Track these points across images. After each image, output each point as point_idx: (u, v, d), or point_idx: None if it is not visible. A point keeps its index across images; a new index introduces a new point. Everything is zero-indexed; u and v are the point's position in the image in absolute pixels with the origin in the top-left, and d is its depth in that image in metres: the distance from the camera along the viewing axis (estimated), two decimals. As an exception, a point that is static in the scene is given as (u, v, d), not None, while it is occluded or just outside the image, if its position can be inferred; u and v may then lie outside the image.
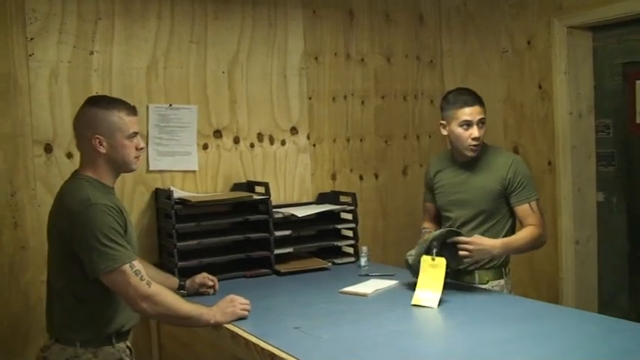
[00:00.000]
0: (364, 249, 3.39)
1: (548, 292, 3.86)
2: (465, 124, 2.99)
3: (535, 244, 2.98)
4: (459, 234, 2.82)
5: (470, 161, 3.07)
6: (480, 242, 2.80)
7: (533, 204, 3.01)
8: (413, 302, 2.65)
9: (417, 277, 2.75)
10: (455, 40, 4.27)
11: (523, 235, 2.94)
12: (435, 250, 2.72)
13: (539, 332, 2.32)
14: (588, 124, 3.96)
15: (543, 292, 3.77)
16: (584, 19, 3.82)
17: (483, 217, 3.05)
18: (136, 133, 2.44)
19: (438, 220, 3.30)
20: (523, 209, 3.00)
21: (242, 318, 2.53)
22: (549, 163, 3.92)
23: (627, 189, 3.84)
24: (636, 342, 2.18)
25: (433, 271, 2.69)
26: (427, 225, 3.30)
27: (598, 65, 3.95)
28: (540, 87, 4.05)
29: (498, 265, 3.04)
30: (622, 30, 3.78)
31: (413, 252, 2.84)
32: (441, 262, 2.70)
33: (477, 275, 3.00)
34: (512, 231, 3.05)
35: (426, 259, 2.73)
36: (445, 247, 2.79)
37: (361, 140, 3.97)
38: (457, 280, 2.93)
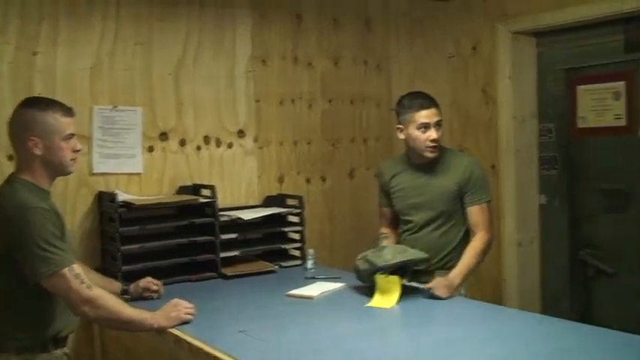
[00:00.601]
0: (311, 252, 3.39)
1: (493, 294, 3.92)
2: (423, 127, 3.03)
3: (484, 254, 3.06)
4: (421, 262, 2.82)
5: (428, 164, 3.11)
6: (440, 285, 2.79)
7: (484, 206, 3.07)
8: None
9: (364, 283, 2.77)
10: (402, 45, 4.30)
11: (471, 255, 3.00)
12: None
13: (484, 333, 2.36)
14: (531, 129, 4.03)
15: (488, 294, 3.82)
16: (529, 25, 3.89)
17: (443, 219, 3.11)
18: (72, 135, 2.39)
19: (396, 224, 3.33)
20: (474, 211, 3.06)
21: (186, 322, 2.50)
22: (493, 167, 3.97)
23: (569, 192, 3.92)
24: (578, 341, 2.23)
25: (387, 289, 2.69)
26: (385, 230, 3.33)
27: (541, 71, 4.03)
28: (485, 91, 4.11)
29: (457, 264, 3.07)
30: (565, 36, 3.86)
31: (365, 257, 2.82)
32: (395, 280, 2.70)
33: (436, 275, 3.02)
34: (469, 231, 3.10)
35: (380, 277, 2.72)
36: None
37: (308, 143, 3.98)
38: (417, 281, 2.94)
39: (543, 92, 4.03)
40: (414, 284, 2.83)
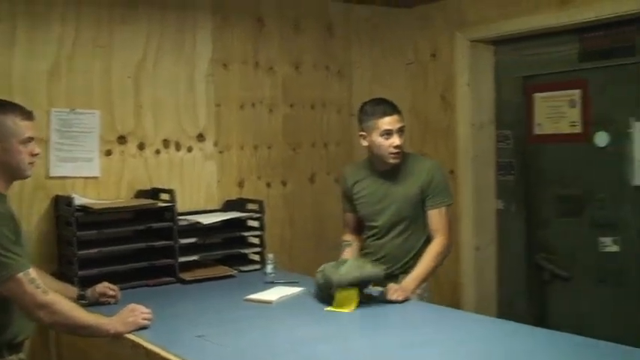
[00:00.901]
0: (270, 256, 3.40)
1: (450, 297, 3.97)
2: (386, 134, 3.05)
3: (441, 258, 3.09)
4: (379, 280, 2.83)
5: (391, 169, 3.13)
6: (394, 290, 2.81)
7: (443, 210, 3.10)
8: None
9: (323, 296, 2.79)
10: (363, 51, 4.34)
11: (427, 260, 3.03)
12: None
13: (440, 336, 2.39)
14: (489, 135, 4.10)
15: (446, 297, 3.87)
16: (487, 34, 3.96)
17: (406, 224, 3.14)
18: (31, 139, 2.37)
19: (359, 230, 3.35)
20: (433, 214, 3.10)
21: (144, 327, 2.48)
22: (452, 172, 4.03)
23: (525, 197, 3.99)
24: (533, 344, 2.27)
25: (345, 301, 2.70)
26: (348, 237, 3.34)
27: (499, 78, 4.10)
28: (444, 98, 4.17)
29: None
30: (522, 44, 3.93)
31: (324, 271, 2.82)
32: (352, 294, 2.71)
33: (400, 279, 3.05)
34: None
35: (338, 292, 2.72)
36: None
37: (269, 148, 3.98)
38: (381, 285, 2.95)
39: (501, 99, 4.10)
40: (370, 290, 2.84)
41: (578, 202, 3.71)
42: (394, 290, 2.80)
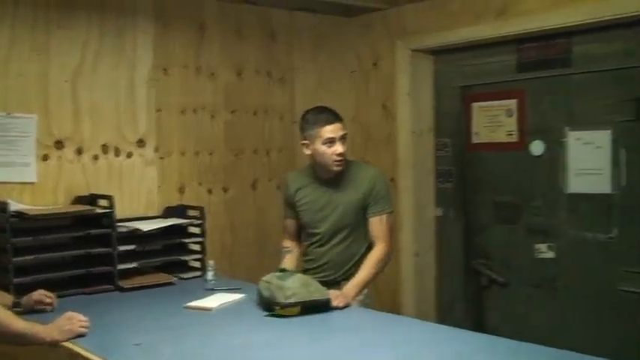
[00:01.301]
0: (211, 263, 3.38)
1: (391, 303, 4.01)
2: (329, 142, 3.06)
3: (382, 264, 3.12)
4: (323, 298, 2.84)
5: (333, 177, 3.14)
6: (335, 296, 2.82)
7: (384, 217, 3.13)
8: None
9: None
10: (306, 58, 4.36)
11: (368, 266, 3.06)
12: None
13: (380, 341, 2.42)
14: (428, 143, 4.17)
15: (386, 303, 3.91)
16: (427, 44, 4.03)
17: (348, 232, 3.15)
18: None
19: (299, 236, 3.36)
20: (374, 222, 3.12)
21: (81, 335, 2.44)
22: (392, 180, 4.08)
23: (463, 204, 4.07)
24: (471, 348, 2.31)
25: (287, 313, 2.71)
26: (288, 244, 3.34)
27: (438, 87, 4.18)
28: (385, 107, 4.22)
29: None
30: (460, 55, 4.01)
31: (269, 284, 2.81)
32: (294, 310, 2.71)
33: (342, 286, 3.06)
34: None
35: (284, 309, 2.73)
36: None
37: (210, 154, 3.96)
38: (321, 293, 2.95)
39: (440, 108, 4.18)
40: (313, 297, 2.84)
41: (515, 209, 3.80)
42: (335, 296, 2.82)
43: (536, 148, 3.68)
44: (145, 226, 3.37)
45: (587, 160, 3.46)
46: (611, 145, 3.36)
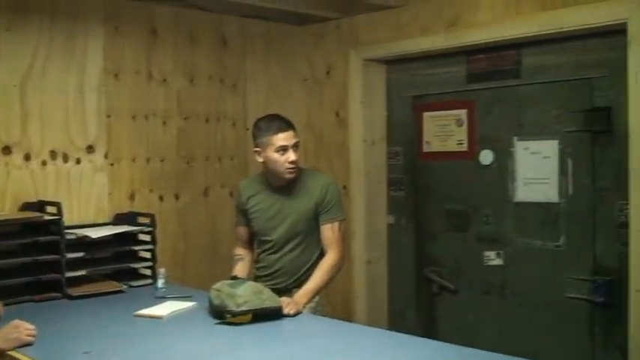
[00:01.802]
0: (162, 271, 3.35)
1: (343, 310, 4.03)
2: (282, 150, 3.06)
3: (334, 272, 3.13)
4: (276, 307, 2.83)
5: (286, 185, 3.15)
6: (286, 303, 2.82)
7: (336, 225, 3.15)
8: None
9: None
10: (258, 66, 4.36)
11: (319, 274, 3.08)
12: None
13: (331, 348, 2.43)
14: (381, 151, 4.21)
15: (338, 310, 3.93)
16: (379, 53, 4.08)
17: (301, 239, 3.16)
18: None
19: (251, 243, 3.36)
20: (326, 229, 3.14)
21: (27, 344, 2.39)
22: (345, 188, 4.11)
23: (415, 212, 4.11)
24: (422, 354, 2.34)
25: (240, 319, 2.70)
26: (240, 251, 3.34)
27: (391, 96, 4.23)
28: (338, 115, 4.25)
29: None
30: (412, 65, 4.07)
31: (220, 291, 2.79)
32: (245, 318, 2.70)
33: (294, 293, 3.07)
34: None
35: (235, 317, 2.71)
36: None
37: (162, 161, 3.93)
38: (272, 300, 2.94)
39: (392, 117, 4.22)
40: (265, 305, 2.84)
41: (465, 218, 3.86)
42: (287, 304, 2.82)
43: (486, 157, 3.75)
44: (95, 234, 3.32)
45: (535, 170, 3.54)
46: (559, 154, 3.45)
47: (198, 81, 4.09)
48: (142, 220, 3.61)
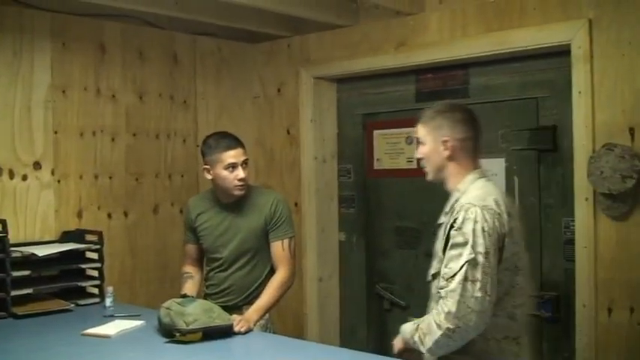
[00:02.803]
0: (110, 289, 3.30)
1: (294, 327, 4.03)
2: (231, 167, 3.07)
3: (284, 289, 3.14)
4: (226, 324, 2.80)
5: (235, 202, 3.15)
6: (241, 323, 2.81)
7: (286, 242, 3.16)
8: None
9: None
10: (209, 83, 4.36)
11: (270, 291, 3.08)
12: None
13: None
14: (331, 169, 4.24)
15: (289, 327, 3.93)
16: (330, 72, 4.13)
17: (250, 256, 3.16)
18: None
19: (201, 261, 3.34)
20: (276, 246, 3.15)
21: (-30, 365, 2.34)
22: (296, 205, 4.12)
23: (366, 229, 4.15)
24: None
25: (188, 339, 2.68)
26: (189, 269, 3.32)
27: (341, 114, 4.27)
28: (289, 132, 4.27)
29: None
30: (362, 84, 4.12)
31: (169, 310, 2.76)
32: (195, 337, 2.68)
33: (244, 310, 3.06)
34: None
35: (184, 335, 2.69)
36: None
37: (110, 177, 3.88)
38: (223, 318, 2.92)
39: (343, 135, 4.26)
40: (215, 323, 2.82)
41: (415, 234, 3.91)
42: (237, 321, 2.81)
43: (435, 174, 3.80)
44: (41, 251, 3.26)
45: (483, 187, 3.61)
46: (505, 172, 3.52)
47: (148, 97, 4.07)
48: (89, 237, 3.56)
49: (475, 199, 2.30)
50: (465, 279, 2.18)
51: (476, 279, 2.18)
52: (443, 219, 2.46)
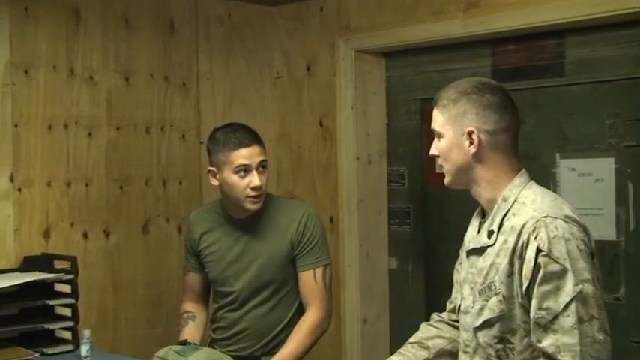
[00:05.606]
0: (86, 333, 3.30)
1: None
2: (242, 170, 3.06)
3: (317, 334, 3.13)
4: None
5: (250, 218, 3.15)
6: None
7: (319, 271, 3.14)
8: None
9: None
10: (216, 59, 4.36)
11: (298, 337, 3.06)
12: None
13: None
14: (379, 173, 4.21)
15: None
16: (376, 43, 4.09)
17: (272, 290, 3.17)
18: None
19: (205, 297, 3.37)
20: (305, 277, 3.15)
21: None
22: (331, 220, 4.09)
23: (424, 254, 4.10)
24: None
25: None
26: (190, 307, 3.33)
27: (392, 100, 4.23)
28: (322, 124, 4.24)
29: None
30: (420, 59, 4.08)
31: (165, 358, 2.78)
32: None
33: None
34: None
35: None
36: None
37: (87, 185, 3.90)
38: None
39: (394, 127, 4.23)
40: None
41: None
42: None
43: (519, 180, 3.75)
44: (-4, 283, 3.29)
45: (584, 197, 3.55)
46: (615, 177, 3.47)
47: (136, 79, 4.08)
48: (59, 264, 3.58)
49: (549, 209, 2.20)
50: (580, 320, 2.09)
51: (592, 316, 2.10)
52: (485, 240, 2.35)
